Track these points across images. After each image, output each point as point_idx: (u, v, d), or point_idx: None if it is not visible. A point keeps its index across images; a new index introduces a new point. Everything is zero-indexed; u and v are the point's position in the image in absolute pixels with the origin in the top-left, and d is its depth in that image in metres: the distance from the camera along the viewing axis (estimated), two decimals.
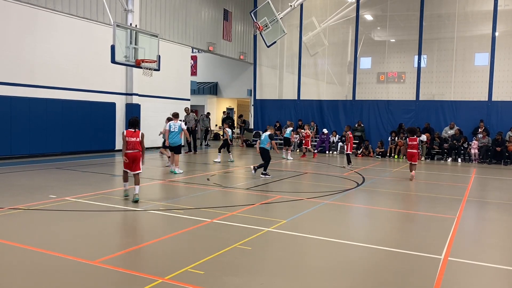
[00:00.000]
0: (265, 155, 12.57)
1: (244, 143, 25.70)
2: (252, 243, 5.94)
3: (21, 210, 7.50)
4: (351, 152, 15.57)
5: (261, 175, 12.45)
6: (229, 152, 16.64)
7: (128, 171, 8.55)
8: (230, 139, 16.81)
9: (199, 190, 10.13)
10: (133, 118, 8.71)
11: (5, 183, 10.22)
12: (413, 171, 12.79)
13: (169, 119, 13.82)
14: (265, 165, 12.53)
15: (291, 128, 19.14)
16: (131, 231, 6.74)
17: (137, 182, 8.48)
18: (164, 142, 14.14)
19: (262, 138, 12.85)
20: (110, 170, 13.54)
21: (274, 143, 12.89)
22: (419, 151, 13.39)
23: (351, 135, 15.40)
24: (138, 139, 8.48)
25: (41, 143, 15.66)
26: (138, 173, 8.51)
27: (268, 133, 12.83)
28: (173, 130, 12.91)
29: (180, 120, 14.48)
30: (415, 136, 13.02)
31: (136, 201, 8.33)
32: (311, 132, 20.84)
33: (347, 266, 5.29)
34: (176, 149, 12.91)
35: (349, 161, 15.47)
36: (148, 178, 11.86)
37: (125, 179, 8.73)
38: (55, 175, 11.74)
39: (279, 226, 6.88)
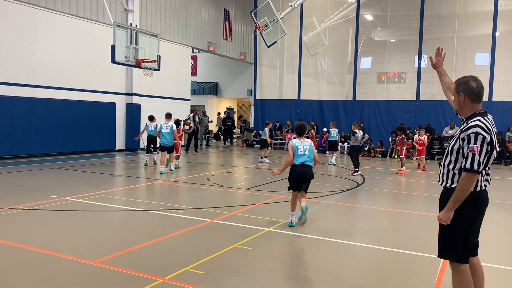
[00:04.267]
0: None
1: (244, 143, 25.70)
2: (252, 243, 5.94)
3: (21, 210, 7.49)
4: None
5: (355, 173, 13.44)
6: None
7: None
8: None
9: (199, 190, 10.12)
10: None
11: (5, 183, 10.21)
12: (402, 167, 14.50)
13: (150, 118, 13.90)
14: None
15: (336, 130, 17.03)
16: (131, 231, 6.73)
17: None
18: (148, 146, 14.15)
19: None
20: (110, 170, 13.53)
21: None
22: (393, 147, 15.62)
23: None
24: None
25: (41, 143, 15.66)
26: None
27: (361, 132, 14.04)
28: (164, 130, 12.86)
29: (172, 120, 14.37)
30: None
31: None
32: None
33: (347, 266, 5.28)
34: (169, 149, 12.96)
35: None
36: (148, 178, 11.87)
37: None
38: (55, 175, 11.73)
39: (279, 226, 6.88)
